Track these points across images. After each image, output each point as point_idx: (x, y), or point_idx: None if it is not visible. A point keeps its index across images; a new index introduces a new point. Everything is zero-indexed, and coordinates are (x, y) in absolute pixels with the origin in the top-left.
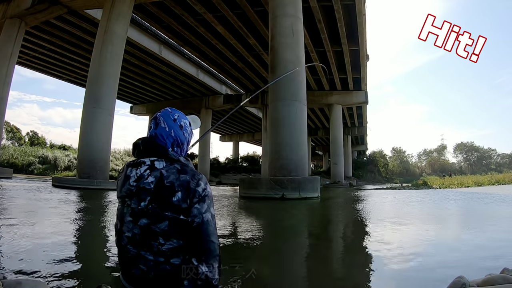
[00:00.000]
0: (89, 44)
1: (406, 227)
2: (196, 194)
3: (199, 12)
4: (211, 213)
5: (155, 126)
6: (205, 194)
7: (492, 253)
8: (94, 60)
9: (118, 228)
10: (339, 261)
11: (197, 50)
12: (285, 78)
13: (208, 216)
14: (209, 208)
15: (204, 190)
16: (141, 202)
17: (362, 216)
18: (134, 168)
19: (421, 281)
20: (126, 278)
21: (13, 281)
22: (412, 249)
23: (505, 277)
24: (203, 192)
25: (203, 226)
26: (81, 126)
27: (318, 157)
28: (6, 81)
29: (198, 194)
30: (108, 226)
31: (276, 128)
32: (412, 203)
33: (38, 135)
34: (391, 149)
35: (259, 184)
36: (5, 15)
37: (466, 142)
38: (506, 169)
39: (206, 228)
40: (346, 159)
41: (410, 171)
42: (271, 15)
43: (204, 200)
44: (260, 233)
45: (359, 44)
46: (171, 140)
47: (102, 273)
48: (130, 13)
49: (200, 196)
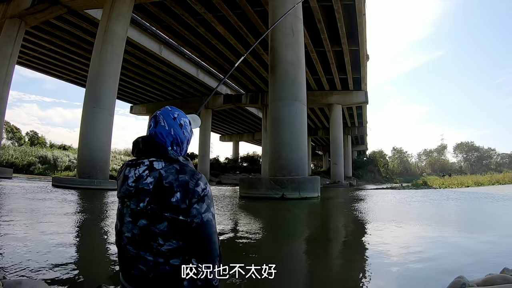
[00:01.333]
0: (89, 44)
1: (406, 227)
2: (195, 194)
3: (199, 12)
4: (211, 212)
5: (155, 124)
6: (204, 194)
7: (492, 253)
8: (94, 60)
9: (118, 228)
10: (339, 261)
11: (197, 50)
12: (286, 79)
13: (208, 216)
14: (208, 208)
15: (203, 190)
16: (140, 202)
17: (362, 216)
18: (133, 168)
19: (421, 281)
20: (126, 279)
21: (13, 281)
22: (412, 248)
23: (505, 277)
24: (202, 192)
25: (202, 227)
26: (81, 126)
27: (318, 157)
28: (6, 81)
29: (197, 194)
30: (108, 226)
31: (276, 128)
32: (412, 203)
33: (38, 135)
34: (392, 149)
35: (259, 184)
36: (5, 15)
37: (466, 142)
38: (506, 169)
39: (205, 228)
40: (346, 159)
41: (410, 171)
42: (271, 15)
43: (203, 200)
44: (260, 233)
45: (359, 44)
46: (170, 139)
47: (102, 273)
48: (130, 13)
49: (199, 196)
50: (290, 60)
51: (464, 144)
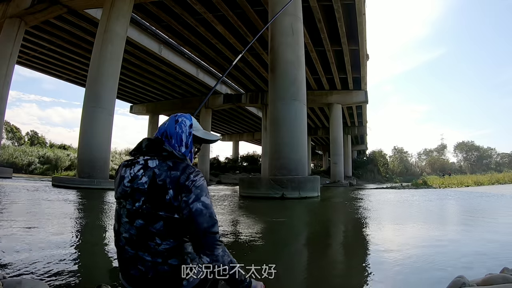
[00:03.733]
0: (89, 44)
1: (406, 226)
2: (184, 188)
3: (199, 12)
4: (202, 202)
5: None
6: (193, 185)
7: (492, 253)
8: (94, 59)
9: (116, 229)
10: (339, 261)
11: (197, 50)
12: (285, 78)
13: (197, 205)
14: (198, 197)
15: (193, 182)
16: (136, 202)
17: (362, 215)
18: (128, 168)
19: (422, 281)
20: (125, 279)
21: (13, 280)
22: (412, 248)
23: (505, 276)
24: (192, 183)
25: (192, 217)
26: (81, 126)
27: (318, 157)
28: (6, 81)
29: (186, 188)
30: (107, 226)
31: (276, 127)
32: (412, 202)
33: (38, 135)
34: (392, 149)
35: (259, 183)
36: (5, 14)
37: (466, 141)
38: (506, 169)
39: (196, 218)
40: (346, 158)
41: (410, 170)
42: (271, 14)
43: (191, 191)
44: (260, 233)
45: (359, 44)
46: (162, 131)
47: (102, 273)
48: (130, 12)
49: (188, 188)
50: (290, 60)
51: (464, 143)
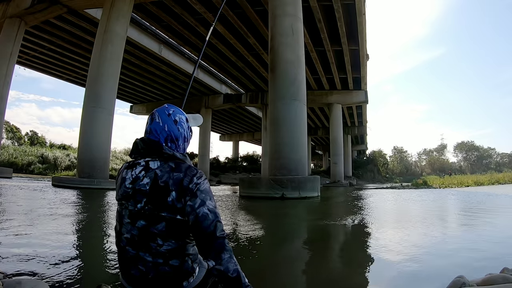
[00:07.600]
0: (89, 44)
1: (406, 226)
2: (188, 191)
3: (199, 12)
4: (208, 206)
5: (151, 121)
6: (197, 188)
7: (492, 253)
8: (94, 59)
9: (117, 229)
10: (339, 261)
11: (197, 50)
12: (285, 78)
13: (203, 210)
14: (204, 202)
15: (196, 185)
16: (138, 204)
17: (362, 215)
18: (130, 169)
19: (422, 281)
20: (126, 279)
21: (13, 280)
22: (412, 248)
23: (505, 276)
24: (196, 187)
25: (198, 222)
26: (81, 126)
27: (318, 157)
28: (6, 81)
29: (190, 191)
30: (108, 226)
31: (276, 127)
32: (412, 202)
33: (38, 135)
34: (393, 149)
35: (259, 183)
36: (5, 14)
37: (466, 141)
38: (506, 169)
39: (202, 223)
40: (346, 158)
41: (410, 170)
42: (271, 14)
43: (196, 195)
44: (260, 233)
45: (359, 44)
46: (164, 135)
47: (102, 273)
48: (130, 12)
49: (192, 192)
50: (290, 60)
51: (464, 143)
